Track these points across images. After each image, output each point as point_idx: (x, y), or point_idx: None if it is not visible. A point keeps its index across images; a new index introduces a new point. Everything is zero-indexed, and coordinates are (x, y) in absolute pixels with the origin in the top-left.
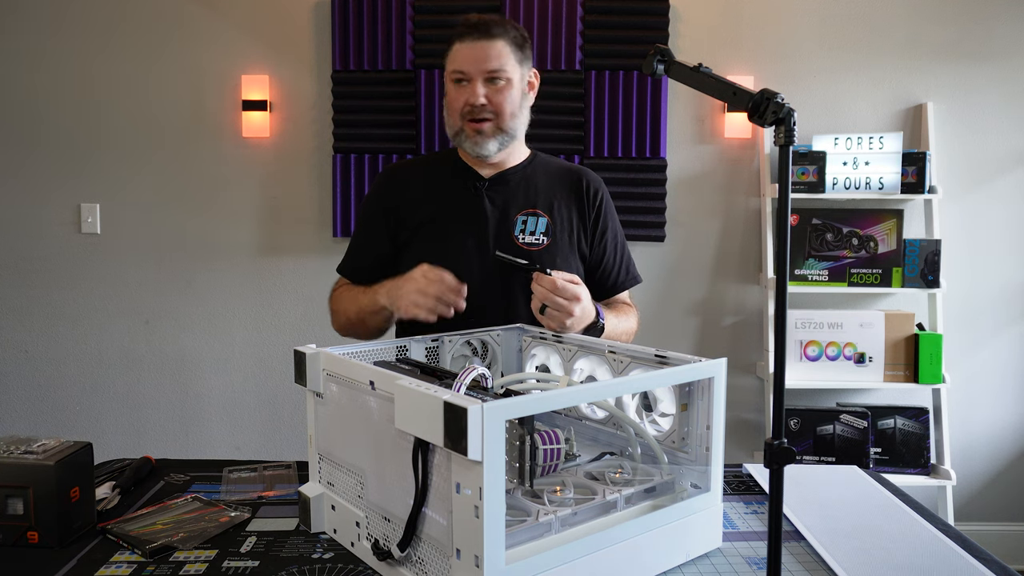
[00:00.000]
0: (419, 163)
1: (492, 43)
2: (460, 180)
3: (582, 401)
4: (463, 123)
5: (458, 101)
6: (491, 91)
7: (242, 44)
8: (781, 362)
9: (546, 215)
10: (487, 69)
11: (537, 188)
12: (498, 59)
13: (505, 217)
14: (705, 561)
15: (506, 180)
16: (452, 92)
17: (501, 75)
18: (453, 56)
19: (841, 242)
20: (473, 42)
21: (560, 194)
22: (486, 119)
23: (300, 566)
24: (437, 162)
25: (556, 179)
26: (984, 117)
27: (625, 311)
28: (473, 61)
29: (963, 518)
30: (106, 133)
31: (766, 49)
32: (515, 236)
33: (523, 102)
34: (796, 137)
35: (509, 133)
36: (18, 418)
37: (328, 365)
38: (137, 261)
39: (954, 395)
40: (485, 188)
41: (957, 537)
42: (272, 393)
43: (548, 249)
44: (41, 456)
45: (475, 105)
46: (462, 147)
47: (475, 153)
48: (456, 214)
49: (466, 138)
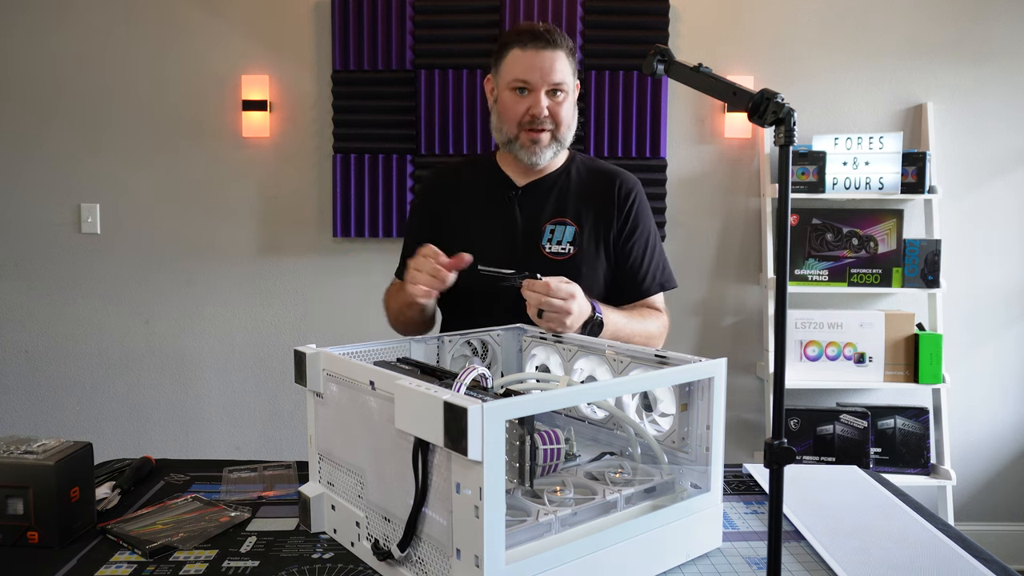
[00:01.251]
0: (461, 167)
1: (555, 53)
2: (495, 188)
3: (582, 401)
4: (519, 131)
5: (517, 110)
6: (553, 103)
7: (242, 44)
8: (781, 362)
9: (574, 224)
10: (552, 81)
11: (568, 196)
12: (561, 71)
13: (534, 227)
14: (705, 561)
15: (539, 189)
16: (510, 100)
17: (563, 87)
18: (512, 63)
19: (841, 242)
20: (537, 51)
21: (591, 201)
22: (545, 129)
23: (300, 566)
24: (476, 167)
25: (589, 184)
26: (984, 117)
27: (643, 313)
28: (539, 72)
29: (963, 518)
30: (106, 133)
31: (766, 49)
32: (542, 245)
33: (575, 111)
34: (796, 137)
35: (563, 143)
36: (18, 418)
37: (328, 365)
38: (137, 261)
39: (954, 395)
40: (517, 197)
41: (957, 537)
42: (272, 393)
43: (574, 258)
44: (41, 456)
45: (538, 116)
46: (514, 154)
47: (529, 162)
48: (487, 223)
49: (520, 147)
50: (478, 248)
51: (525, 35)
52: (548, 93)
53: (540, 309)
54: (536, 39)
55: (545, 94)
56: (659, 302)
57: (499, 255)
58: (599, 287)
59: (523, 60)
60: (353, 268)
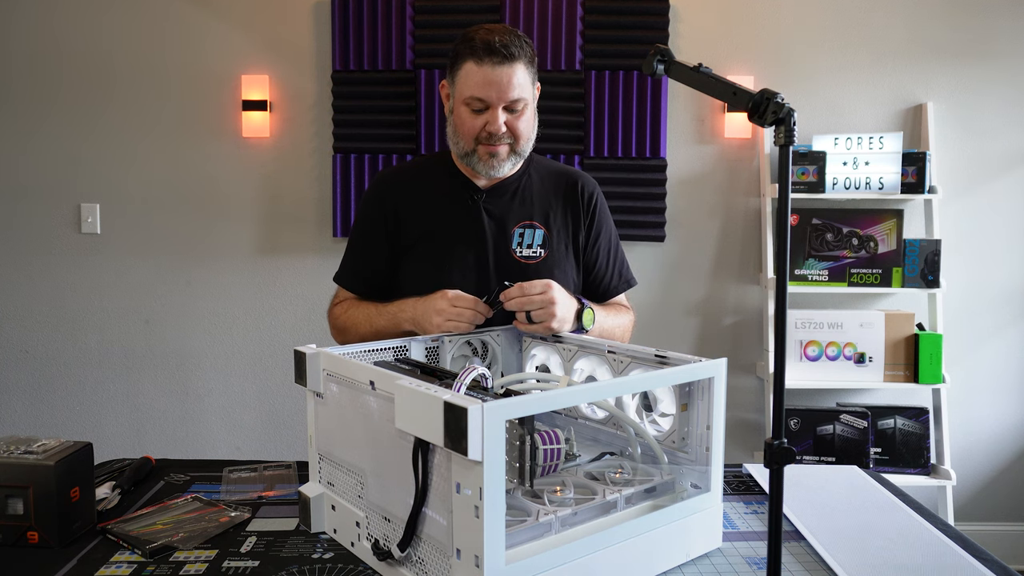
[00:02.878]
0: (414, 170)
1: (512, 68)
2: (457, 192)
3: (582, 401)
4: (476, 145)
5: (474, 126)
6: (510, 118)
7: (242, 44)
8: (781, 362)
9: (542, 226)
10: (509, 98)
11: (533, 198)
12: (519, 86)
13: (503, 231)
14: (705, 561)
15: (503, 191)
16: (465, 116)
17: (521, 101)
18: (467, 78)
19: (841, 242)
20: (493, 67)
21: (555, 202)
22: (503, 143)
23: (300, 566)
24: (432, 169)
25: (551, 186)
26: (984, 117)
27: (618, 310)
28: (495, 89)
29: (963, 518)
30: (106, 133)
31: (766, 49)
32: (513, 250)
33: (535, 119)
34: (796, 137)
35: (522, 155)
36: (18, 418)
37: (328, 365)
38: (137, 261)
39: (954, 395)
40: (483, 200)
41: (957, 537)
42: (272, 393)
43: (545, 261)
44: (41, 456)
45: (495, 133)
46: (472, 168)
47: (487, 175)
48: (454, 228)
49: (479, 160)
50: (448, 253)
51: (480, 49)
52: (504, 108)
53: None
54: (492, 54)
55: (502, 109)
56: (623, 299)
57: (470, 259)
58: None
59: (478, 76)
60: None
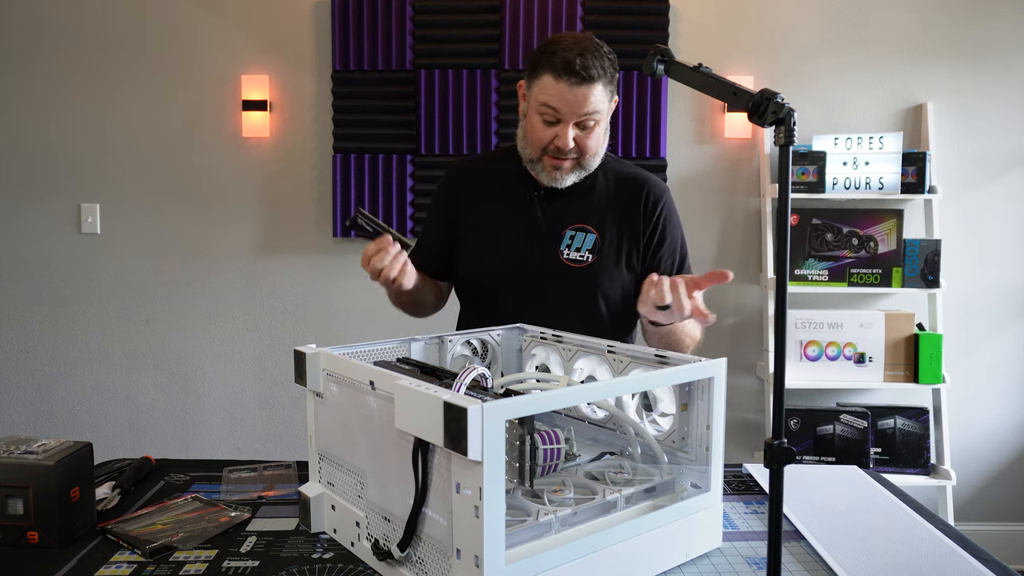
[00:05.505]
0: (484, 160)
1: (590, 88)
2: (517, 186)
3: (582, 401)
4: (543, 155)
5: (543, 137)
6: (580, 134)
7: (242, 44)
8: (781, 362)
9: (595, 231)
10: (582, 113)
11: (592, 202)
12: (595, 103)
13: (554, 231)
14: (705, 561)
15: (563, 192)
16: (537, 124)
17: (594, 117)
18: (544, 89)
19: (841, 242)
20: (570, 87)
21: (616, 208)
22: (569, 158)
23: (300, 566)
24: (501, 163)
25: (616, 190)
26: (984, 117)
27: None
28: (569, 106)
29: (963, 518)
30: (106, 133)
31: (766, 49)
32: (560, 251)
33: (607, 133)
34: (796, 137)
35: (587, 169)
36: (18, 418)
37: (328, 365)
38: (137, 261)
39: (954, 395)
40: (539, 199)
41: (957, 537)
42: (272, 393)
43: (592, 266)
44: (41, 456)
45: (563, 148)
46: (536, 175)
47: (549, 184)
48: (508, 221)
49: (543, 170)
50: (496, 245)
51: (560, 66)
52: (576, 124)
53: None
54: (571, 74)
55: (574, 125)
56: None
57: (516, 254)
58: (617, 297)
59: (554, 90)
60: (353, 268)
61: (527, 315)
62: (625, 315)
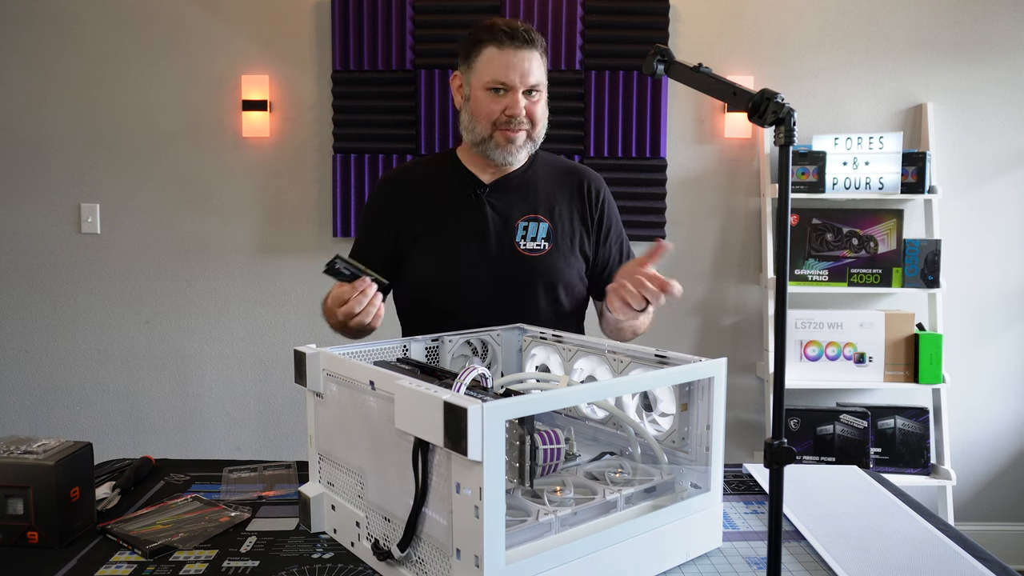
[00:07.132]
0: (418, 168)
1: (532, 53)
2: (461, 186)
3: (582, 401)
4: (494, 130)
5: (493, 109)
6: (528, 103)
7: (242, 44)
8: (781, 362)
9: (547, 220)
10: (529, 82)
11: (538, 192)
12: (538, 71)
13: (506, 224)
14: (705, 561)
15: (507, 185)
16: (485, 99)
17: (539, 87)
18: (488, 63)
19: (841, 242)
20: (515, 51)
21: (561, 197)
22: (522, 128)
23: (300, 566)
24: (436, 167)
25: (557, 181)
26: (984, 117)
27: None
28: (517, 72)
29: (963, 518)
30: (106, 133)
31: (766, 49)
32: (517, 243)
33: (547, 109)
34: (796, 137)
35: (536, 142)
36: (18, 418)
37: (328, 365)
38: (137, 261)
39: (954, 395)
40: (486, 194)
41: (957, 537)
42: (272, 393)
43: (550, 254)
44: (41, 456)
45: (516, 116)
46: (487, 154)
47: (503, 161)
48: (457, 222)
49: (496, 146)
50: (450, 246)
51: (502, 33)
52: (524, 93)
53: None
54: (514, 39)
55: (522, 94)
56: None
57: (472, 252)
58: (575, 283)
59: (500, 59)
60: None
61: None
62: (582, 301)
